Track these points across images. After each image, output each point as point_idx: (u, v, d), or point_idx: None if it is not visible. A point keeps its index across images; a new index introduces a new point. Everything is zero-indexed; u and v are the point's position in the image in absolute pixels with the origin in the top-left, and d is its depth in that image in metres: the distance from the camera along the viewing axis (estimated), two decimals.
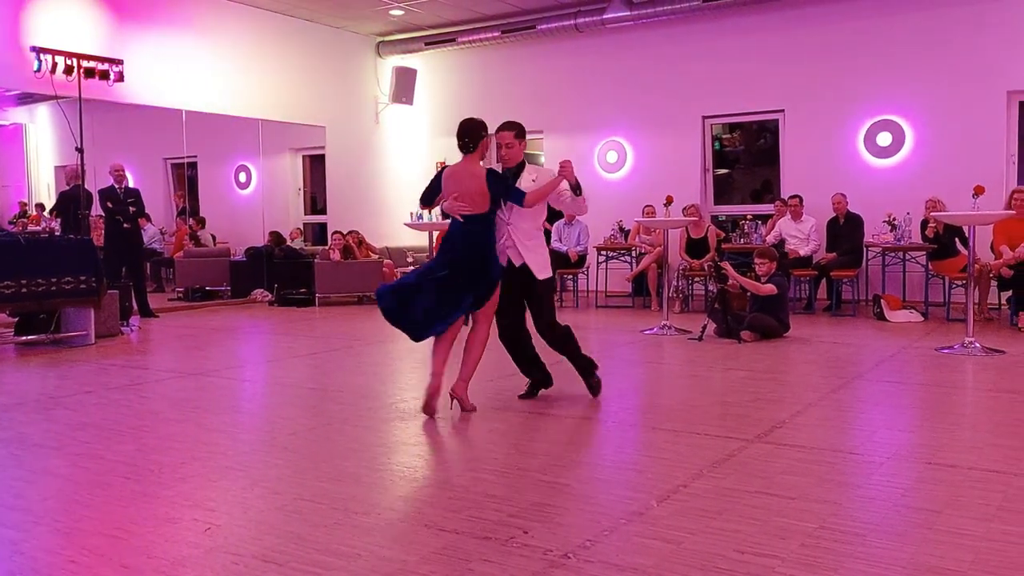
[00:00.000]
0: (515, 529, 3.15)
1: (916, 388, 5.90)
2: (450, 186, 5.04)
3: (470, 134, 5.06)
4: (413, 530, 3.19)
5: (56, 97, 9.82)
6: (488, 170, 5.03)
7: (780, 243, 10.49)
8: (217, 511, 3.41)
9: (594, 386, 5.44)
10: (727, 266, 8.47)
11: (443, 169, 5.21)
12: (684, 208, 10.89)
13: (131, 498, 3.57)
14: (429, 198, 5.27)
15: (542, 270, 5.19)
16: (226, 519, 3.32)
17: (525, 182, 5.12)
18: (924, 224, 9.49)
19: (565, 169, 5.04)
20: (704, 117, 12.29)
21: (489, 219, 5.03)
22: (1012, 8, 10.13)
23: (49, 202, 11.74)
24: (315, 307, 11.61)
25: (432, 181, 5.23)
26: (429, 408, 4.94)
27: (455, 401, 5.10)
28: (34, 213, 11.58)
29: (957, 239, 9.26)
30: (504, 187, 5.02)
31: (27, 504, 3.53)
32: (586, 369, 5.45)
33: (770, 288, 8.07)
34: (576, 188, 5.09)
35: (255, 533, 3.19)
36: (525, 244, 5.14)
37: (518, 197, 4.99)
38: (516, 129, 5.14)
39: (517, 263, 5.14)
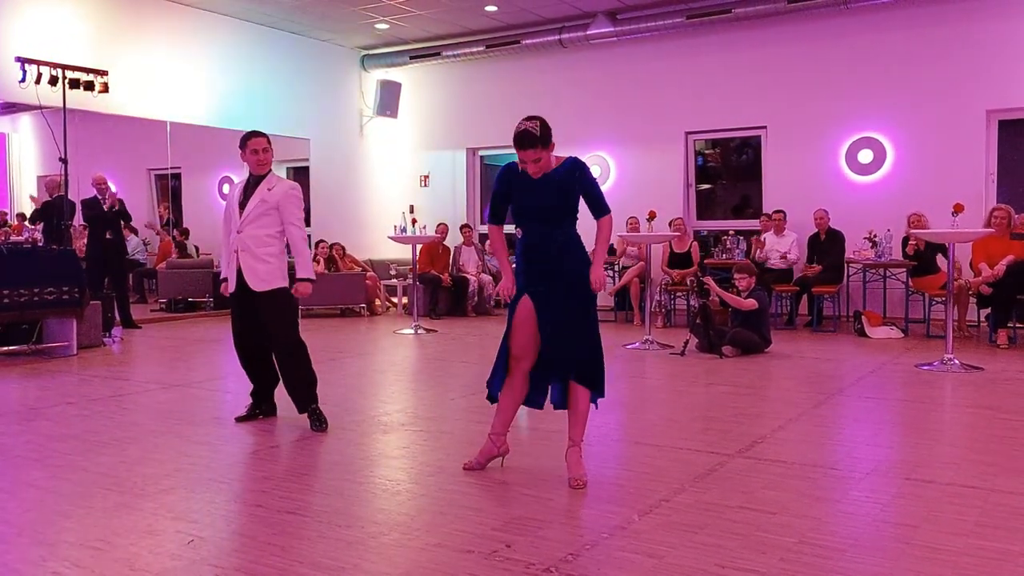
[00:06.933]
0: (498, 543, 3.17)
1: (896, 404, 5.96)
2: None
3: None
4: (395, 543, 3.20)
5: (41, 107, 9.78)
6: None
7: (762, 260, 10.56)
8: (200, 523, 3.41)
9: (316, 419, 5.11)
10: (710, 281, 8.52)
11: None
12: (671, 221, 10.98)
13: (113, 510, 3.57)
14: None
15: (262, 281, 5.07)
16: (209, 531, 3.32)
17: (260, 191, 5.10)
18: (906, 241, 9.57)
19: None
20: (687, 133, 12.38)
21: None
22: (992, 28, 10.27)
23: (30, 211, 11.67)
24: (298, 319, 11.57)
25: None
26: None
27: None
28: (16, 223, 11.52)
29: (938, 256, 9.34)
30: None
31: (8, 516, 3.51)
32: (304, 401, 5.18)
33: (751, 303, 8.12)
34: None
35: (237, 545, 3.19)
36: (255, 252, 5.06)
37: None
38: (268, 137, 5.22)
39: (246, 276, 5.08)
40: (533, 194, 3.97)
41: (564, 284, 3.95)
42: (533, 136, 3.84)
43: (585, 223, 4.05)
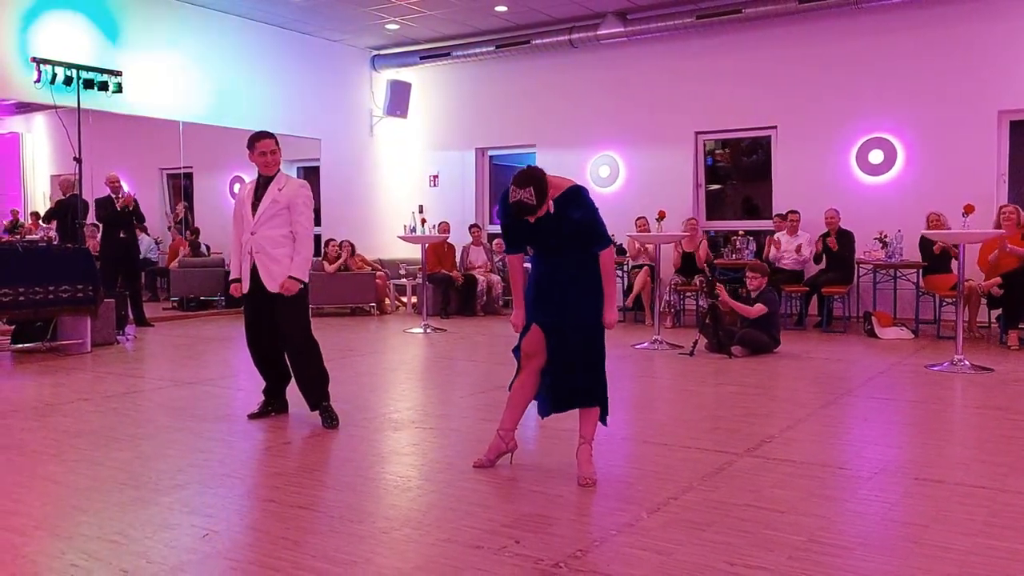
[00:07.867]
0: (507, 539, 3.20)
1: (905, 404, 5.96)
2: None
3: None
4: (406, 538, 3.23)
5: (56, 107, 9.86)
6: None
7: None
8: (214, 518, 3.45)
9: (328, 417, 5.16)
10: (721, 289, 8.52)
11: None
12: (685, 220, 11.02)
13: (129, 504, 3.61)
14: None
15: (277, 282, 5.12)
16: (223, 525, 3.36)
17: (271, 192, 5.13)
18: (927, 241, 9.44)
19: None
20: (697, 133, 12.38)
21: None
22: (1003, 29, 10.25)
23: (44, 210, 11.75)
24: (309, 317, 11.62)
25: None
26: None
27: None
28: (30, 222, 11.59)
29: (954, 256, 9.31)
30: None
31: (27, 509, 3.56)
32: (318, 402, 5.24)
33: (759, 309, 8.13)
34: None
35: (251, 540, 3.23)
36: (270, 253, 5.11)
37: None
38: (275, 138, 5.23)
39: (261, 277, 5.14)
40: (533, 227, 3.92)
41: (572, 322, 3.93)
42: (531, 206, 3.75)
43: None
